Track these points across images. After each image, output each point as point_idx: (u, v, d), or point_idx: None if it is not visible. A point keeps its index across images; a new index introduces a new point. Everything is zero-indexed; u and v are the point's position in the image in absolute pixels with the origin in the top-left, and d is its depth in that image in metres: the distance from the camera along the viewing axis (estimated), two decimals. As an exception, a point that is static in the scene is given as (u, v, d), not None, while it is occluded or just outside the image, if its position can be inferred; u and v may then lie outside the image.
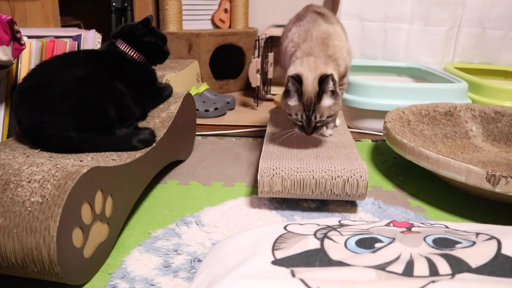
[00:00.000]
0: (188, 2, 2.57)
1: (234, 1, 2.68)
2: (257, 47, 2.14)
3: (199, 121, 1.91)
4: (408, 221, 0.77)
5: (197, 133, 1.69)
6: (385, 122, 1.45)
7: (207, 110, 2.00)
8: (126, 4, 2.40)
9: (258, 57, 2.12)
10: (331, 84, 1.12)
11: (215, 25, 2.74)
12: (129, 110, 1.21)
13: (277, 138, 1.29)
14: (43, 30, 1.68)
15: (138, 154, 1.07)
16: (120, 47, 1.30)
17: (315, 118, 1.13)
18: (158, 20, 2.53)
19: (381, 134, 1.79)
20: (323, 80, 1.11)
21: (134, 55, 1.31)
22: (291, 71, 1.16)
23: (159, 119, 1.31)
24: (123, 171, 0.97)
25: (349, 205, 1.15)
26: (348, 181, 1.04)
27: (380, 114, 1.77)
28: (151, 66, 1.38)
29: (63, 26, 2.03)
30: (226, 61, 2.61)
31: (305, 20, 1.28)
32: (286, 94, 1.16)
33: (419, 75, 2.33)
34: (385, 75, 2.42)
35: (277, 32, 2.17)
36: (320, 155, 1.15)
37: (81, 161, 0.95)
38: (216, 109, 2.02)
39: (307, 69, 1.14)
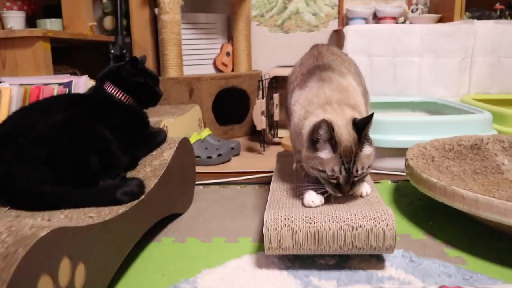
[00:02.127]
0: (188, 47, 2.51)
1: (236, 44, 2.61)
2: (261, 87, 2.02)
3: (201, 169, 1.77)
4: (458, 285, 0.59)
5: (197, 182, 1.54)
6: (406, 160, 1.28)
7: (209, 157, 1.86)
8: (124, 51, 2.34)
9: (262, 98, 2.00)
10: (369, 130, 0.96)
11: (218, 69, 2.66)
12: (114, 158, 1.06)
13: (286, 183, 1.13)
14: (32, 78, 1.59)
15: (122, 209, 0.91)
16: (108, 89, 1.18)
17: (357, 171, 0.93)
18: (158, 66, 2.46)
19: (402, 173, 1.62)
20: (360, 124, 0.94)
21: (123, 98, 1.19)
22: (312, 121, 0.98)
23: (151, 168, 1.16)
24: (100, 231, 0.80)
25: (374, 260, 0.96)
26: (372, 231, 0.86)
27: (398, 152, 1.60)
28: (141, 109, 1.25)
29: (58, 74, 1.95)
30: (230, 106, 2.50)
31: (311, 82, 1.10)
32: (312, 146, 0.96)
33: (434, 109, 2.18)
34: (398, 111, 2.28)
35: (282, 72, 2.06)
36: (336, 201, 0.97)
37: (49, 220, 0.79)
38: (219, 155, 1.88)
39: (334, 115, 0.97)
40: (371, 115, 0.94)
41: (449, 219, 1.20)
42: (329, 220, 0.88)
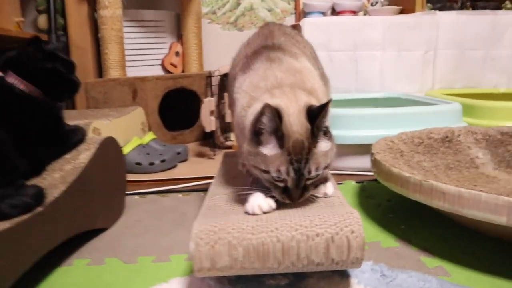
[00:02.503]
0: (133, 47, 2.27)
1: (186, 43, 2.39)
2: (210, 85, 1.81)
3: (141, 177, 1.53)
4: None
5: (132, 191, 1.31)
6: (372, 154, 1.10)
7: (152, 164, 1.63)
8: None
9: (212, 96, 1.79)
10: (327, 119, 0.75)
11: (167, 71, 2.43)
12: (6, 162, 0.83)
13: (228, 187, 0.92)
14: None
15: (5, 225, 0.68)
16: (8, 80, 0.94)
17: (309, 172, 0.73)
18: (99, 67, 2.20)
19: (367, 173, 1.44)
20: (315, 113, 0.74)
21: (26, 89, 0.95)
22: (257, 108, 0.76)
23: (61, 173, 0.93)
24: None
25: (337, 277, 0.76)
26: (333, 241, 0.66)
27: (362, 149, 1.43)
28: (52, 102, 1.01)
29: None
30: (179, 109, 2.27)
31: (257, 63, 0.89)
32: (255, 139, 0.75)
33: (399, 104, 2.03)
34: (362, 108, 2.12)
35: (233, 67, 1.86)
36: (288, 205, 0.77)
37: None
38: (163, 161, 1.65)
39: (284, 100, 0.77)
40: (328, 101, 0.74)
41: (424, 221, 1.02)
42: (277, 229, 0.67)
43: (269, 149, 0.73)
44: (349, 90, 2.21)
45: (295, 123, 0.73)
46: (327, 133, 0.77)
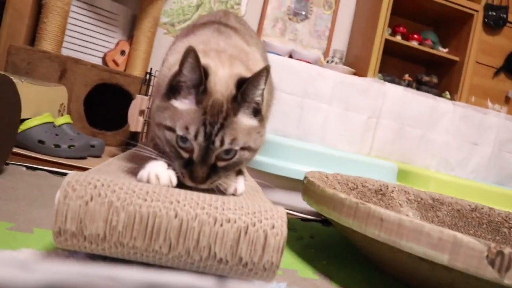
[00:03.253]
0: (77, 29, 2.08)
1: (135, 44, 2.24)
2: (147, 83, 1.65)
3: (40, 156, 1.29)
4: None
5: (22, 163, 1.08)
6: (305, 177, 0.99)
7: (57, 146, 1.39)
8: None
9: (146, 95, 1.63)
10: (259, 92, 0.63)
11: (106, 66, 2.24)
12: None
13: (133, 160, 0.74)
14: None
15: None
16: None
17: (221, 142, 0.60)
18: (34, 37, 1.96)
19: (293, 212, 1.32)
20: (244, 80, 0.62)
21: None
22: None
23: None
24: None
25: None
26: (246, 233, 0.51)
27: (292, 184, 1.32)
28: None
29: None
30: (109, 108, 2.06)
31: (203, 31, 0.79)
32: (169, 94, 0.63)
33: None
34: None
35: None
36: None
37: None
38: (71, 147, 1.42)
39: (217, 62, 0.65)
40: (264, 69, 0.62)
41: (348, 262, 0.90)
42: (179, 202, 0.51)
43: (183, 103, 0.61)
44: (289, 135, 2.13)
45: (221, 84, 0.62)
46: (258, 112, 0.65)
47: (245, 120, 0.63)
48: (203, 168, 0.60)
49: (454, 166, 2.30)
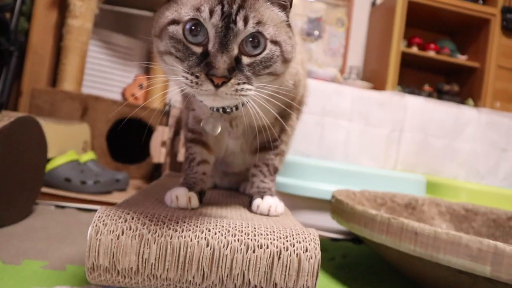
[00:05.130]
0: (94, 65, 2.14)
1: (151, 78, 2.29)
2: (167, 114, 1.68)
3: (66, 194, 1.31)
4: None
5: (51, 202, 1.10)
6: (333, 196, 0.97)
7: (83, 182, 1.41)
8: (12, 48, 1.88)
9: (166, 125, 1.65)
10: None
11: (126, 101, 2.28)
12: None
13: (163, 189, 0.75)
14: None
15: None
16: None
17: (245, 22, 0.48)
18: (54, 77, 2.02)
19: (322, 232, 1.30)
20: None
21: None
22: None
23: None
24: None
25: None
26: (280, 257, 0.50)
27: (319, 204, 1.30)
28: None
29: None
30: (131, 142, 2.09)
31: None
32: None
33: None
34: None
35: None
36: (228, 208, 0.61)
37: None
38: (96, 183, 1.44)
39: None
40: None
41: (382, 279, 0.87)
42: (209, 231, 0.50)
43: None
44: (311, 154, 2.12)
45: None
46: (286, 8, 0.55)
47: (271, 6, 0.52)
48: (224, 56, 0.46)
49: (484, 175, 2.23)
